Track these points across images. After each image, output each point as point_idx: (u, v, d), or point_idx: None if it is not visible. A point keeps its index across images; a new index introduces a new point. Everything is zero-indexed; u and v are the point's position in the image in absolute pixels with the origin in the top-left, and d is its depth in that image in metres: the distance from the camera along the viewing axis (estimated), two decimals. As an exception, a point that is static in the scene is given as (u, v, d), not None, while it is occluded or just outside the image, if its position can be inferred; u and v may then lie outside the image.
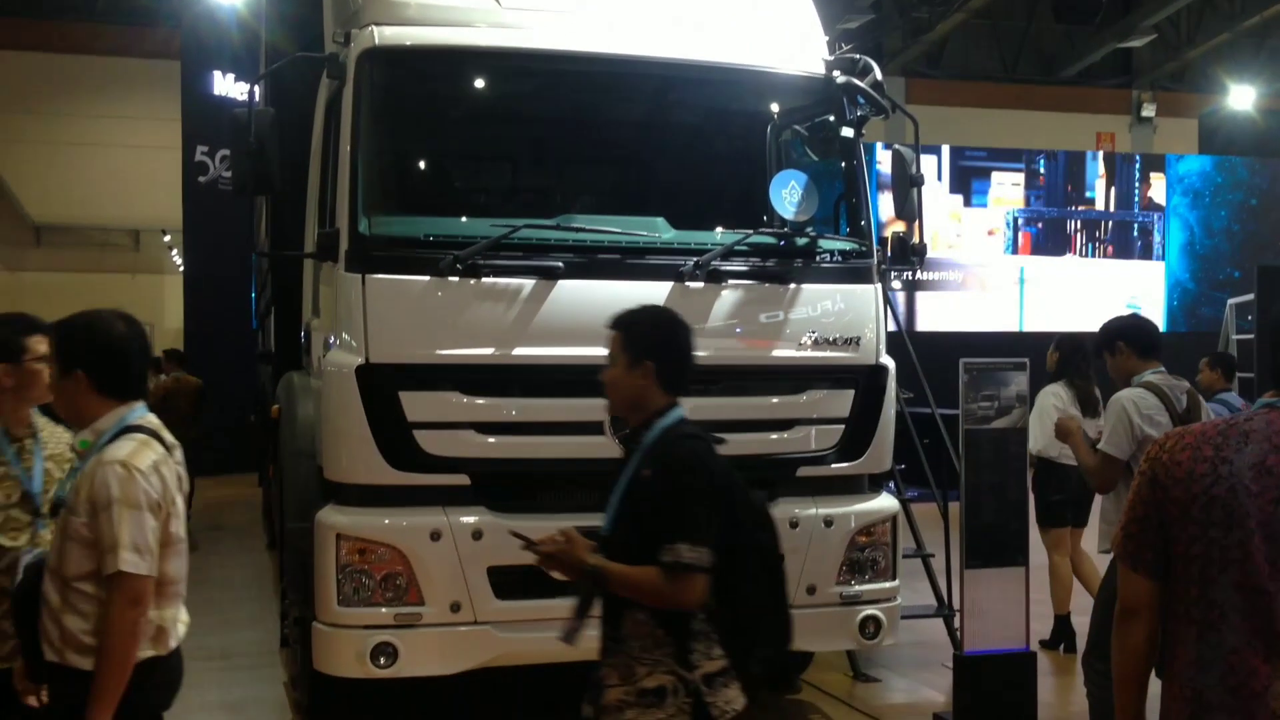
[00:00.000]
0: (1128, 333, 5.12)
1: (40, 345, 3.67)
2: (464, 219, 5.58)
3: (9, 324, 3.80)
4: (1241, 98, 22.45)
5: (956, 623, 6.24)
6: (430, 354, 5.06)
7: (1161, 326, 17.69)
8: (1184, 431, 2.53)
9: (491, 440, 5.11)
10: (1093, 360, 7.61)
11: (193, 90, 17.58)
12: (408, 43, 5.41)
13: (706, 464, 3.20)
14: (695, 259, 5.30)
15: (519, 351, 5.15)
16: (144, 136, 24.21)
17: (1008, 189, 19.17)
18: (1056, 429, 5.40)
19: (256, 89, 5.61)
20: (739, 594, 3.18)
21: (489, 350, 5.11)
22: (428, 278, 5.07)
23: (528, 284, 5.14)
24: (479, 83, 5.89)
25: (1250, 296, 10.40)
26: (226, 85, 16.82)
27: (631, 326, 3.35)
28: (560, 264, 5.17)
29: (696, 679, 3.09)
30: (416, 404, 5.02)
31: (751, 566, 3.24)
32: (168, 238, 26.14)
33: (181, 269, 21.24)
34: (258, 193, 5.77)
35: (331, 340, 5.37)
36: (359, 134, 5.22)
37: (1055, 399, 7.21)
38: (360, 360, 4.98)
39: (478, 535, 5.04)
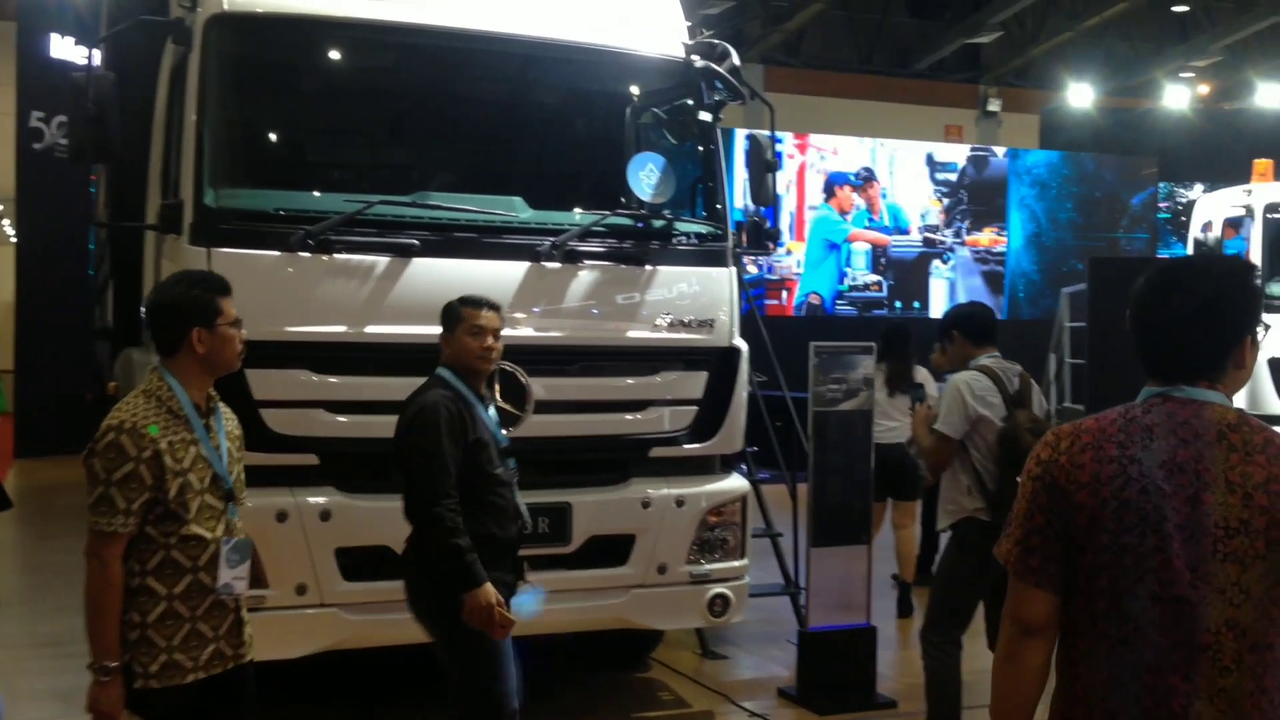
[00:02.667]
0: (960, 322, 5.33)
1: (232, 307, 3.38)
2: (316, 194, 5.46)
3: (203, 282, 3.44)
4: (1081, 95, 23.44)
5: (802, 600, 6.40)
6: (279, 331, 4.95)
7: (1002, 315, 18.42)
8: (1076, 430, 2.30)
9: (342, 419, 5.03)
10: (910, 342, 8.01)
11: (28, 53, 16.72)
12: (258, 9, 5.26)
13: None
14: (552, 239, 5.31)
15: (371, 330, 5.07)
16: (-26, 99, 22.93)
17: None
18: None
19: (96, 53, 5.39)
20: None
21: (340, 328, 5.03)
22: (277, 253, 4.95)
23: (381, 261, 5.07)
24: (333, 54, 5.77)
25: (1083, 286, 10.89)
26: (65, 48, 16.06)
27: None
28: (415, 242, 5.11)
29: None
30: (264, 382, 4.90)
31: None
32: None
33: (14, 240, 20.24)
34: (96, 161, 5.56)
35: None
36: (205, 103, 5.06)
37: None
38: (203, 337, 4.83)
39: (326, 516, 4.96)
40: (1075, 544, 2.23)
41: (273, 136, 5.99)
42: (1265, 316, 2.40)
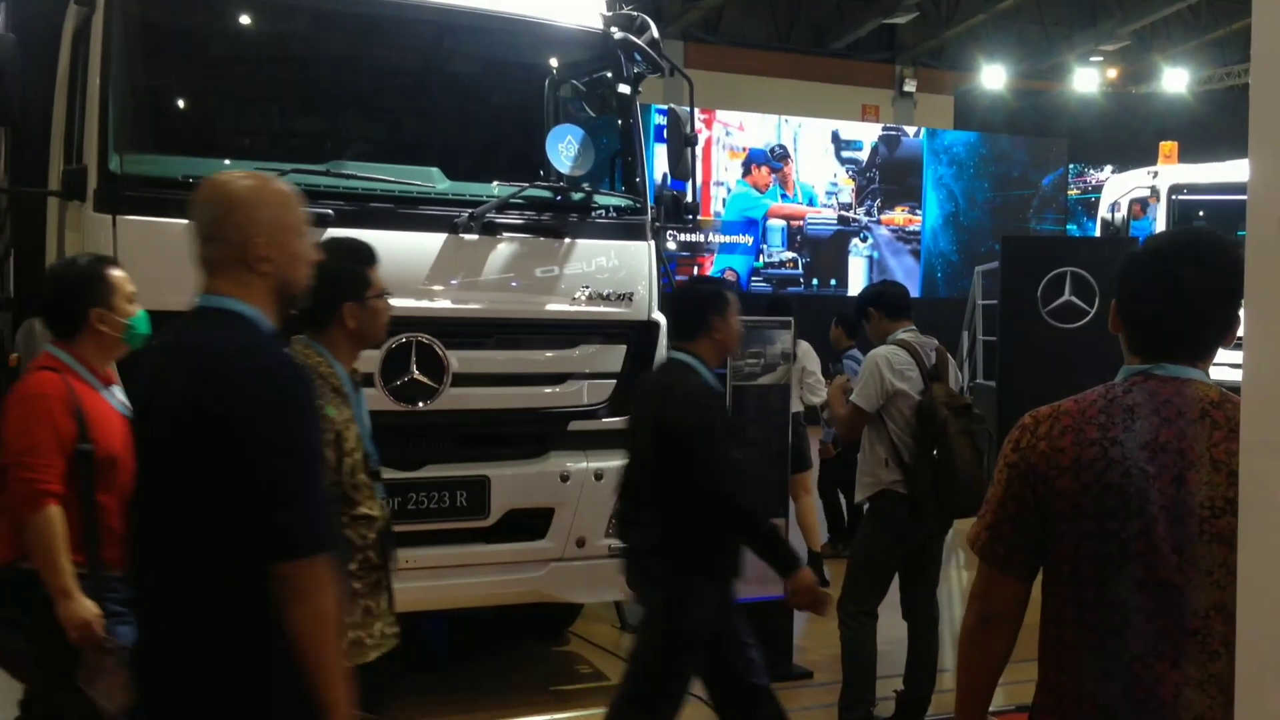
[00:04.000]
0: (874, 299, 5.44)
1: (379, 278, 3.22)
2: (226, 161, 5.33)
3: (354, 253, 3.29)
4: (994, 77, 23.81)
5: (720, 573, 6.43)
6: (188, 302, 4.81)
7: (916, 293, 18.70)
8: (1054, 413, 2.21)
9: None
10: (793, 315, 8.13)
11: (-78, 12, 16.10)
12: (165, -30, 5.11)
13: None
14: (470, 211, 5.24)
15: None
16: None
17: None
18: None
19: (-5, 13, 5.19)
20: None
21: (252, 299, 4.91)
22: (185, 221, 4.81)
23: (294, 231, 4.96)
24: (243, 17, 5.63)
25: (996, 265, 11.09)
26: (-38, 9, 15.47)
27: None
28: (330, 212, 5.01)
29: None
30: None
31: None
32: (-107, 173, 23.98)
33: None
34: (-4, 124, 5.35)
35: (79, 285, 5.04)
36: (109, 65, 4.90)
37: None
38: (109, 306, 4.70)
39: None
40: (1056, 532, 2.16)
41: (181, 101, 5.83)
42: None
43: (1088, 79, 24.69)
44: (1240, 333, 1.53)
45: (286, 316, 2.58)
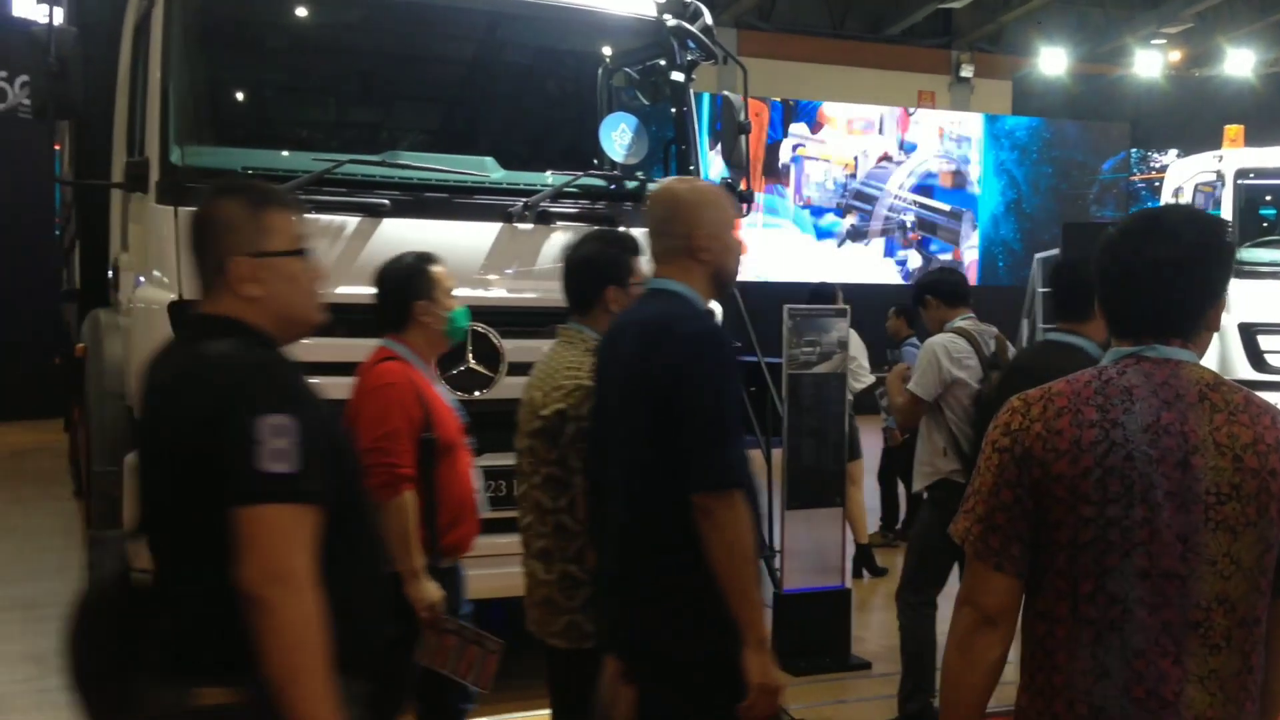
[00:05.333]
0: (932, 287, 5.38)
1: (641, 267, 3.32)
2: (284, 152, 5.38)
3: (618, 241, 3.45)
4: (1053, 61, 23.44)
5: (777, 563, 6.42)
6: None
7: (974, 281, 18.51)
8: (1047, 395, 2.10)
9: (312, 381, 4.95)
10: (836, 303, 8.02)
11: (-11, 10, 16.45)
12: (223, -37, 5.17)
13: None
14: (524, 200, 5.25)
15: (342, 290, 5.00)
16: (-66, 59, 22.55)
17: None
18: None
19: (58, 7, 5.27)
20: None
21: (310, 288, 4.95)
22: (245, 212, 4.87)
23: (351, 221, 5.00)
24: (300, 9, 5.67)
25: (1056, 252, 10.93)
26: (27, 6, 15.79)
27: None
28: (386, 201, 5.05)
29: None
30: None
31: None
32: (-38, 169, 24.51)
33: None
34: (59, 117, 5.46)
35: (141, 276, 5.12)
36: (170, 58, 4.96)
37: None
38: (172, 296, 4.76)
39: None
40: (1050, 520, 2.04)
41: (239, 94, 5.89)
42: (1236, 282, 2.31)
43: (1150, 62, 24.22)
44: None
45: (722, 295, 3.14)
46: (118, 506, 4.93)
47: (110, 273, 6.12)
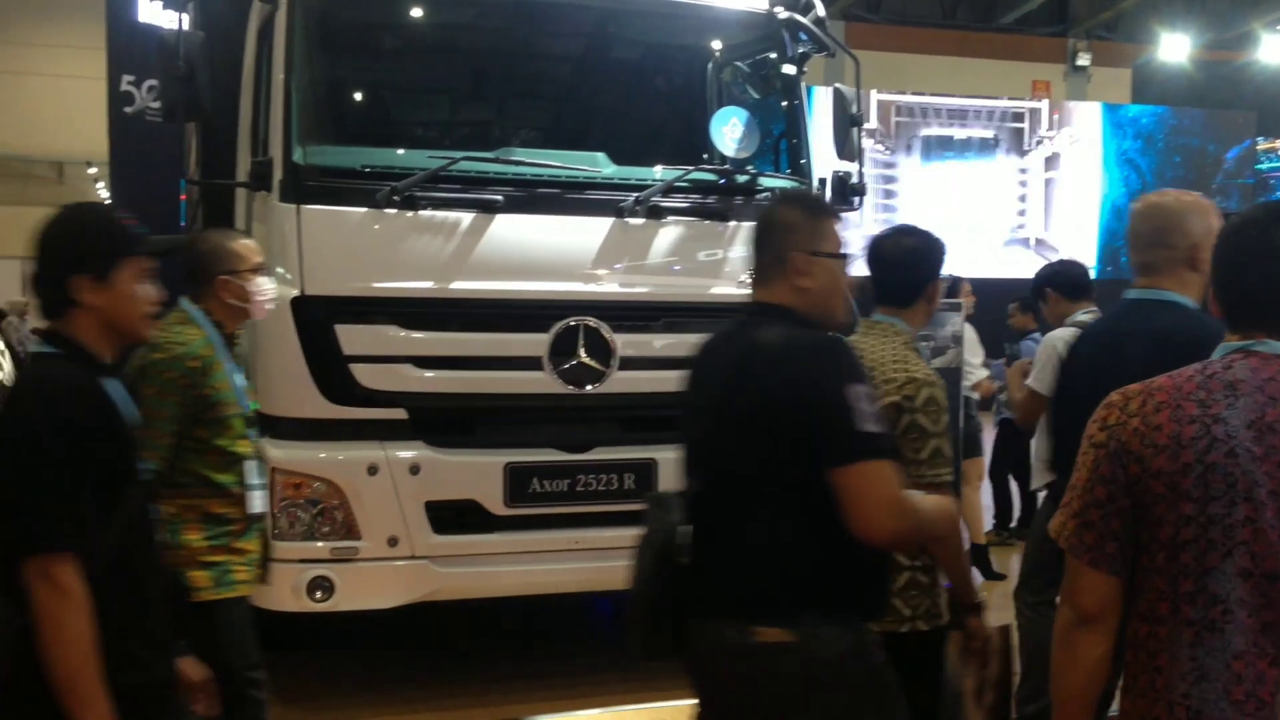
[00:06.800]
0: (1052, 280, 5.28)
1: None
2: (401, 150, 5.49)
3: (935, 236, 3.47)
4: (1174, 48, 22.71)
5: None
6: (366, 287, 4.99)
7: (1094, 274, 18.02)
8: (1147, 389, 2.05)
9: (429, 375, 5.06)
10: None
11: (118, 17, 16.95)
12: (343, -33, 5.29)
13: None
14: (636, 195, 5.27)
15: (457, 285, 5.09)
16: (67, 65, 23.47)
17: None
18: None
19: (184, 13, 5.45)
20: None
21: (426, 283, 5.05)
22: (364, 209, 4.99)
23: (466, 217, 5.08)
24: (416, 10, 5.78)
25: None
26: (153, 12, 16.29)
27: None
28: (499, 197, 5.12)
29: None
30: (353, 337, 4.95)
31: None
32: (93, 170, 25.47)
33: (108, 202, 20.73)
34: (188, 119, 5.64)
35: (265, 272, 5.27)
36: (292, 60, 5.10)
37: None
38: (295, 292, 4.90)
39: (415, 470, 5.01)
40: (1150, 517, 2.00)
41: (358, 93, 6.03)
42: None
43: (1276, 48, 23.32)
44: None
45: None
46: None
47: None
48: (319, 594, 4.88)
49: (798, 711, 2.44)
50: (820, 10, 5.90)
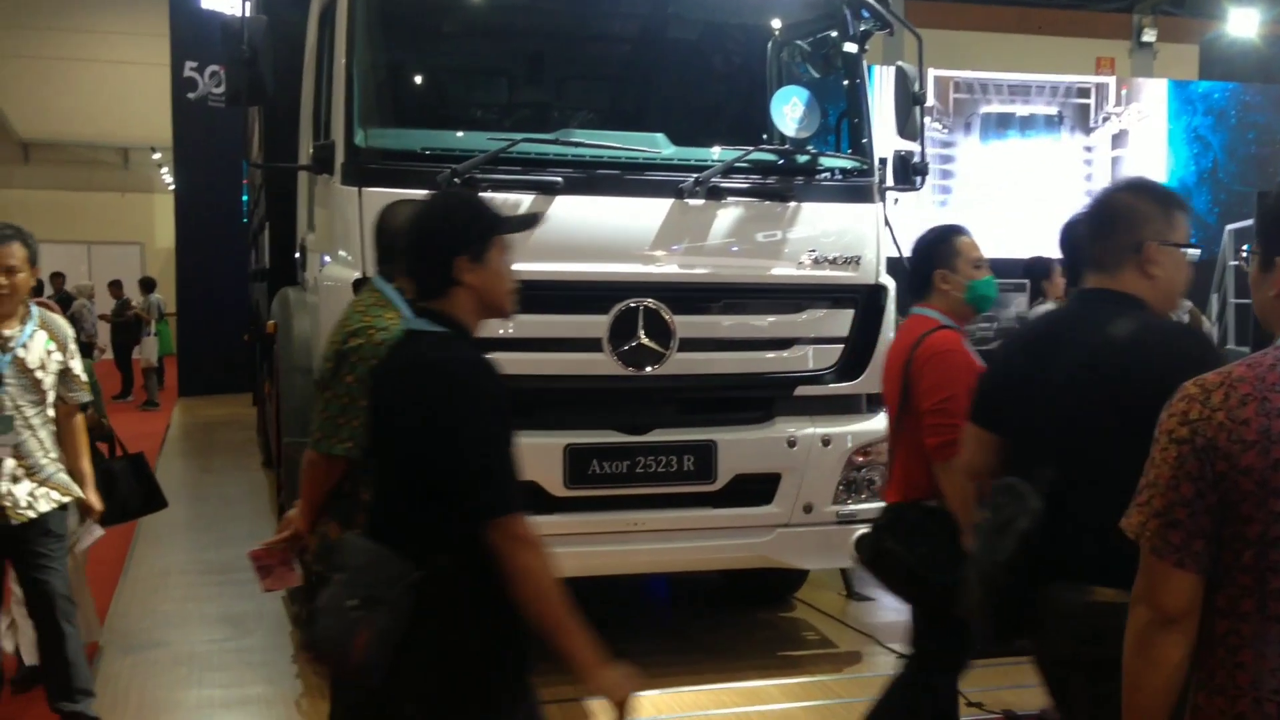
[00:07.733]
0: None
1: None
2: (461, 133, 5.50)
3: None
4: (1243, 23, 22.17)
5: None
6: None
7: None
8: (1228, 381, 1.97)
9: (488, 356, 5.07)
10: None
11: (181, 4, 17.29)
12: (403, -48, 5.30)
13: None
14: (695, 175, 5.24)
15: (517, 267, 5.07)
16: (132, 52, 23.89)
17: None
18: None
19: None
20: None
21: (487, 265, 5.06)
22: (425, 191, 5.00)
23: (526, 199, 5.08)
24: (476, -6, 5.78)
25: (1249, 223, 10.37)
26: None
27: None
28: (559, 179, 5.11)
29: None
30: (413, 319, 4.98)
31: None
32: (157, 155, 25.87)
33: (172, 188, 21.06)
34: (251, 103, 5.68)
35: (327, 255, 5.32)
36: (354, 44, 5.13)
37: None
38: (357, 274, 4.93)
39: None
40: (1239, 515, 1.93)
41: (418, 77, 6.06)
42: None
43: (1352, 20, 22.71)
44: None
45: None
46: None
47: (298, 253, 6.37)
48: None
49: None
50: (882, -14, 5.82)
